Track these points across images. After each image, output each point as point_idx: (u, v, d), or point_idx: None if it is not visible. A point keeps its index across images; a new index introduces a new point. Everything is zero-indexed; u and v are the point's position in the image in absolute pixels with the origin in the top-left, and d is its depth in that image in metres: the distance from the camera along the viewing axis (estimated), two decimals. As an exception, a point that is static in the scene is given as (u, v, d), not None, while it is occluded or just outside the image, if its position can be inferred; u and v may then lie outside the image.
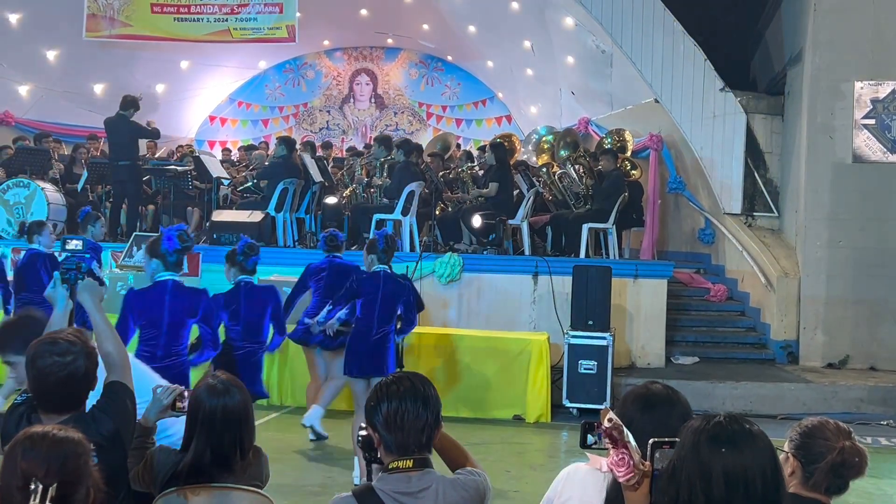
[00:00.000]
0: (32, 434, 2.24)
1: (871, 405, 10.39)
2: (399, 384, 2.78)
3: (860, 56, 12.01)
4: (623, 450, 2.23)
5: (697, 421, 2.14)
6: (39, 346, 3.11)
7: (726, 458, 2.03)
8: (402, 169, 11.83)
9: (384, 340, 7.32)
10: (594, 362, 9.82)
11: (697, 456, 2.05)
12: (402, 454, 2.74)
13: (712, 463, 2.03)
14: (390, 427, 2.73)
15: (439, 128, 20.70)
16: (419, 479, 2.73)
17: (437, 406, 2.80)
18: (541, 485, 3.22)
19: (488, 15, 16.82)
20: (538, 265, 11.09)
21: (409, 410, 2.72)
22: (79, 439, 2.29)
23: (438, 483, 2.74)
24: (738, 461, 2.02)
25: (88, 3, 14.16)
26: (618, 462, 2.23)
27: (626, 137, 13.58)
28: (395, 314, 7.42)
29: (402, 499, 2.69)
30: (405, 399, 2.74)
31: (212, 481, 3.08)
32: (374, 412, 2.76)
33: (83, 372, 3.08)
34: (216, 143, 20.71)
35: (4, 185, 11.95)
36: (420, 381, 2.82)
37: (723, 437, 2.06)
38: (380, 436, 2.75)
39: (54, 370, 3.04)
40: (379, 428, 2.75)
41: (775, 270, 12.10)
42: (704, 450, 2.05)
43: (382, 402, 2.75)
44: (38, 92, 16.14)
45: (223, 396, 3.16)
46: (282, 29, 14.35)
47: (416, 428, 2.73)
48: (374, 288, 7.32)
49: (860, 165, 11.99)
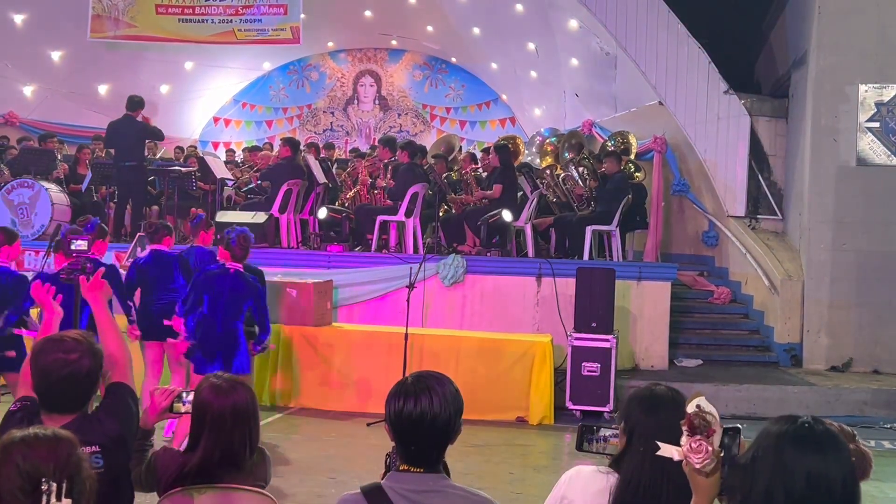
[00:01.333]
0: (24, 437, 2.22)
1: (874, 408, 10.38)
2: (418, 390, 2.71)
3: (864, 59, 12.00)
4: (702, 438, 2.25)
5: (781, 420, 2.15)
6: (45, 343, 3.11)
7: (810, 460, 2.03)
8: (406, 171, 11.85)
9: (232, 336, 7.34)
10: (597, 364, 9.81)
11: (780, 454, 2.06)
12: (412, 464, 2.70)
13: (795, 464, 2.03)
14: (403, 430, 2.69)
15: (443, 129, 20.72)
16: (433, 480, 2.70)
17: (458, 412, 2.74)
18: (544, 487, 3.22)
19: (492, 17, 16.83)
20: (542, 267, 11.09)
21: (425, 413, 2.67)
22: (68, 434, 2.30)
23: (449, 488, 2.71)
24: (822, 465, 2.03)
25: (93, 3, 14.20)
26: (696, 449, 2.25)
27: (629, 140, 13.58)
28: (240, 312, 7.40)
29: (413, 496, 2.66)
30: (421, 400, 2.68)
31: (219, 481, 3.07)
32: (391, 413, 2.71)
33: (87, 371, 3.08)
34: (220, 145, 20.75)
35: (9, 186, 11.97)
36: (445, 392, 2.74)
37: (809, 439, 2.07)
38: (392, 437, 2.73)
39: (57, 367, 3.03)
40: (392, 429, 2.71)
41: (779, 273, 12.10)
42: (788, 450, 2.05)
43: (399, 404, 2.70)
44: (43, 92, 16.18)
45: (231, 395, 3.13)
46: (286, 30, 14.37)
47: (427, 437, 2.69)
48: (221, 285, 7.35)
49: (864, 168, 11.98)
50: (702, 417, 2.27)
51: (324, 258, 11.47)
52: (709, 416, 2.27)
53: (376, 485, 2.71)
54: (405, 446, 2.71)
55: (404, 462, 2.71)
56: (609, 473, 2.68)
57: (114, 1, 14.26)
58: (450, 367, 9.72)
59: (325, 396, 9.97)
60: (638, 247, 13.28)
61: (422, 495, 2.65)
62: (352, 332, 10.40)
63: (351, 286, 11.05)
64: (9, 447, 2.19)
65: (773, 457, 2.07)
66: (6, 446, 2.19)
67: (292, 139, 13.51)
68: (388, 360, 9.64)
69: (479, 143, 19.47)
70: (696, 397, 2.31)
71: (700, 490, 2.30)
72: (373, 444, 8.51)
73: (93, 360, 3.11)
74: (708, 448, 2.24)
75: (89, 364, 3.09)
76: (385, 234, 11.93)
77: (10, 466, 2.14)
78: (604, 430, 2.85)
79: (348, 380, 9.96)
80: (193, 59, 18.35)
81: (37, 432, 2.24)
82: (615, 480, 2.64)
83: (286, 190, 12.01)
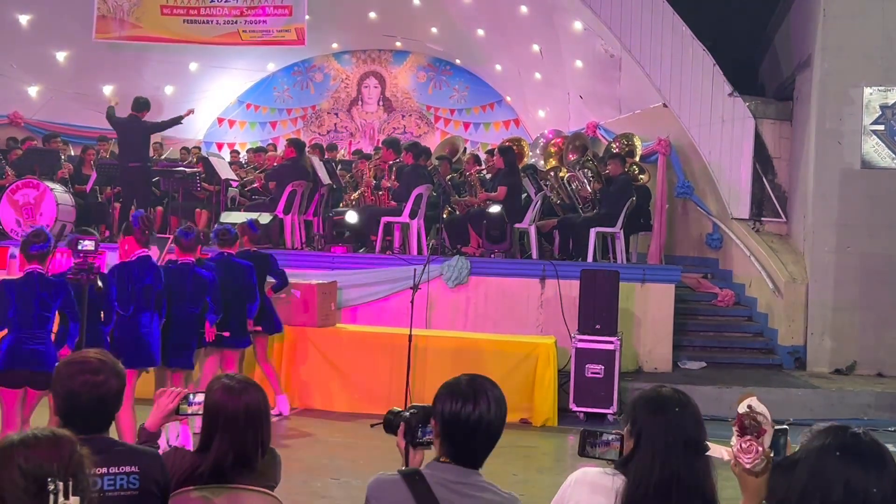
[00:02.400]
0: (23, 438, 2.21)
1: (878, 411, 10.37)
2: (475, 393, 2.83)
3: (869, 61, 11.99)
4: (752, 438, 2.25)
5: (828, 428, 2.12)
6: (69, 366, 3.10)
7: (852, 471, 2.01)
8: (410, 172, 11.86)
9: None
10: (601, 366, 9.81)
11: (822, 462, 2.03)
12: (455, 460, 2.81)
13: (835, 473, 2.01)
14: (453, 430, 2.80)
15: (447, 131, 20.71)
16: (467, 475, 2.81)
17: (504, 419, 2.88)
18: (547, 489, 3.23)
19: (497, 18, 16.83)
20: (546, 269, 11.09)
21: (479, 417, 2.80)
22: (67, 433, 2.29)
23: (483, 483, 2.83)
24: (863, 479, 2.00)
25: (98, 4, 14.21)
26: (746, 449, 2.26)
27: (634, 142, 13.57)
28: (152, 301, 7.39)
29: (450, 486, 2.76)
30: (479, 404, 2.80)
31: (231, 482, 3.07)
32: (441, 409, 2.82)
33: (115, 391, 3.09)
34: (224, 145, 20.76)
35: (14, 186, 11.97)
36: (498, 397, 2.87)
37: (852, 450, 2.04)
38: (440, 432, 2.83)
39: (86, 389, 3.03)
40: (441, 426, 2.82)
41: (783, 276, 12.09)
42: (831, 459, 2.03)
43: (455, 406, 2.80)
44: (48, 93, 16.20)
45: (243, 395, 3.13)
46: (291, 31, 14.37)
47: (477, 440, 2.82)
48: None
49: (869, 171, 11.97)
50: (752, 418, 2.28)
51: (328, 259, 11.48)
52: (760, 417, 2.29)
53: (415, 470, 2.82)
54: (454, 445, 2.82)
55: (446, 456, 2.82)
56: (615, 475, 2.68)
57: (119, 2, 14.28)
58: (453, 368, 9.67)
59: (329, 397, 9.97)
60: (642, 249, 13.28)
61: (458, 486, 2.77)
62: (356, 333, 10.40)
63: (355, 287, 11.06)
64: (8, 449, 2.17)
65: (814, 463, 2.05)
66: (5, 449, 2.17)
67: (297, 140, 13.53)
68: (392, 362, 9.65)
69: (482, 144, 19.46)
70: (748, 398, 2.32)
71: (749, 490, 2.31)
72: (377, 446, 8.50)
73: (118, 380, 3.12)
74: (758, 448, 2.26)
75: (116, 384, 3.10)
76: (389, 236, 11.94)
77: (13, 469, 2.12)
78: (605, 434, 2.85)
79: (352, 381, 9.97)
80: (198, 60, 18.37)
81: (35, 433, 2.23)
82: (622, 482, 2.63)
83: (290, 191, 12.02)
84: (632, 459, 2.66)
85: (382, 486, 2.83)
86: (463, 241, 12.31)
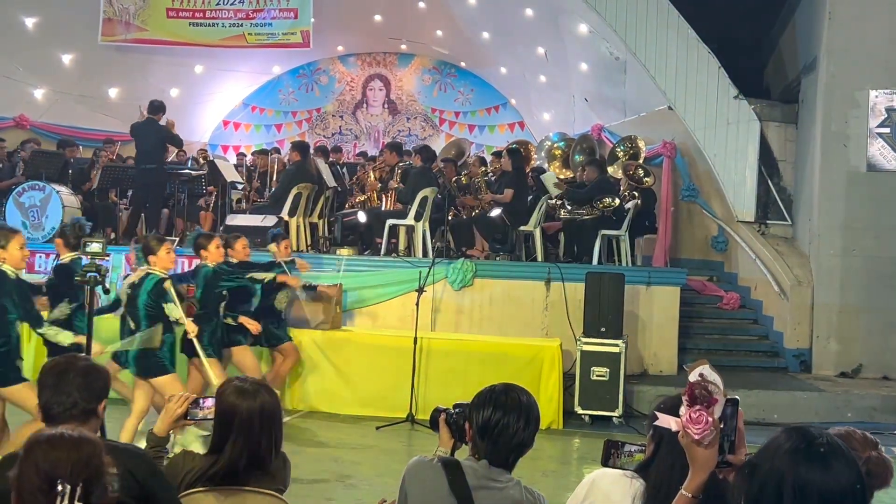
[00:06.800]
0: (50, 436, 2.22)
1: (884, 414, 10.34)
2: (509, 397, 3.08)
3: (875, 64, 11.98)
4: (702, 408, 2.16)
5: (788, 430, 2.08)
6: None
7: (811, 472, 1.98)
8: (416, 174, 11.86)
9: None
10: (606, 369, 9.81)
11: (782, 462, 2.00)
12: (489, 459, 3.07)
13: (795, 474, 1.98)
14: (486, 435, 3.04)
15: (452, 134, 20.72)
16: (499, 472, 3.07)
17: (536, 428, 3.13)
18: (552, 491, 3.25)
19: (502, 21, 16.84)
20: (551, 271, 11.09)
21: (510, 425, 3.04)
22: (95, 438, 2.29)
23: (514, 481, 3.09)
24: (821, 478, 1.98)
25: (105, 7, 14.27)
26: (695, 419, 2.16)
27: (639, 144, 13.57)
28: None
29: (483, 480, 3.02)
30: (510, 414, 3.05)
31: (244, 484, 3.07)
32: (480, 419, 3.07)
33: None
34: (229, 148, 20.79)
35: (20, 188, 12.01)
36: (532, 406, 3.11)
37: (812, 451, 2.01)
38: (474, 434, 3.09)
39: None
40: (475, 430, 3.08)
41: (788, 279, 12.07)
42: (790, 459, 2.00)
43: (491, 414, 3.05)
44: (54, 96, 16.23)
45: (257, 397, 3.13)
46: (296, 34, 14.42)
47: (508, 446, 3.06)
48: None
49: (874, 174, 11.95)
50: (703, 387, 2.16)
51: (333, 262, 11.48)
52: (711, 387, 2.16)
53: (455, 459, 3.11)
54: (486, 449, 3.07)
55: (481, 455, 3.07)
56: (634, 478, 2.67)
57: (125, 5, 14.33)
58: (458, 371, 9.72)
59: (335, 400, 9.97)
60: (647, 252, 13.27)
61: (488, 481, 3.03)
62: (361, 335, 10.40)
63: (360, 290, 11.06)
64: (34, 445, 2.18)
65: (773, 465, 2.03)
66: (32, 443, 2.19)
67: (303, 143, 13.54)
68: (397, 364, 9.65)
69: (487, 147, 19.48)
70: (701, 365, 2.21)
71: (697, 462, 2.22)
72: (382, 448, 8.53)
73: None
74: (708, 419, 2.15)
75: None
76: (394, 238, 11.94)
77: (31, 465, 2.13)
78: (629, 445, 2.84)
79: (357, 383, 9.97)
80: (203, 62, 18.40)
81: (63, 432, 2.23)
82: (641, 486, 2.63)
83: (296, 193, 12.03)
84: (651, 464, 2.66)
85: (421, 467, 3.10)
86: (468, 243, 12.31)
